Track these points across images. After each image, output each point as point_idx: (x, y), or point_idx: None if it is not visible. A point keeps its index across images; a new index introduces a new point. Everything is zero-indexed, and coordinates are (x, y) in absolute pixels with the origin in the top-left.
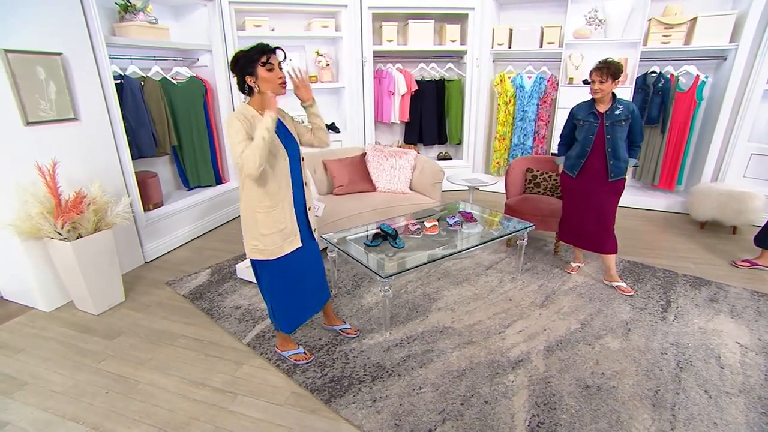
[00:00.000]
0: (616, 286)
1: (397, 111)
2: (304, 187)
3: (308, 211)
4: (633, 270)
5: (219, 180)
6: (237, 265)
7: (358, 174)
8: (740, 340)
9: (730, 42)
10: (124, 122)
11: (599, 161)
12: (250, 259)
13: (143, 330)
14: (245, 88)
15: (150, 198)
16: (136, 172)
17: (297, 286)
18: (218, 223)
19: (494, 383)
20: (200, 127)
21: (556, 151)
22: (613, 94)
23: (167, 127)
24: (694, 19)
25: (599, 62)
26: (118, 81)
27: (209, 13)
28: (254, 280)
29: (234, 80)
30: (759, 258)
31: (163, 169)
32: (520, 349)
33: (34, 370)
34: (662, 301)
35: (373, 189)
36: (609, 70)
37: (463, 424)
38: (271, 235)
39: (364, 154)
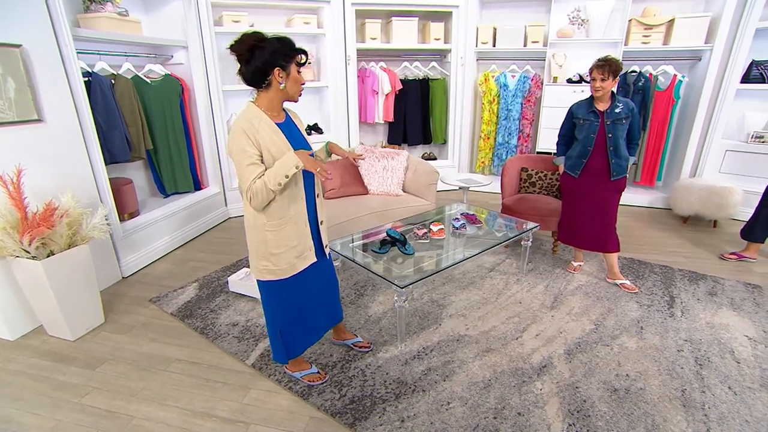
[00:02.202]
0: (620, 284)
1: (381, 111)
2: (316, 198)
3: (320, 225)
4: (631, 267)
5: (198, 186)
6: (229, 278)
7: (349, 176)
8: (747, 333)
9: (705, 43)
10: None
11: (601, 160)
12: (257, 280)
13: (130, 355)
14: (263, 81)
15: (125, 207)
16: (109, 179)
17: (307, 307)
18: (200, 231)
19: (523, 392)
20: (177, 129)
21: (555, 151)
22: (612, 92)
23: (142, 130)
24: (672, 21)
25: (600, 60)
26: (86, 79)
27: (184, 6)
28: (249, 294)
29: (211, 75)
30: (745, 250)
31: (136, 174)
32: (540, 354)
33: (4, 413)
34: (666, 297)
35: (366, 192)
36: (610, 67)
37: None
38: (283, 254)
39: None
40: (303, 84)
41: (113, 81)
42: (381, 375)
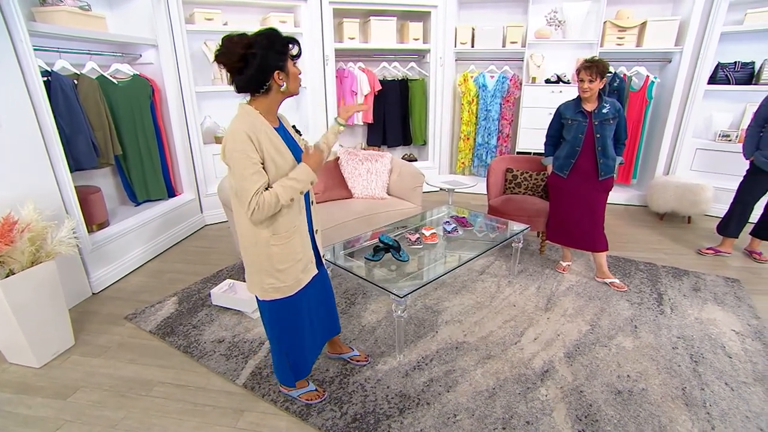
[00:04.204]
0: (610, 282)
1: (360, 112)
2: (311, 206)
3: (316, 234)
4: (617, 265)
5: (172, 193)
6: (211, 291)
7: (333, 180)
8: (734, 327)
9: (675, 45)
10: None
11: (589, 160)
12: (259, 300)
13: (107, 380)
14: (262, 87)
15: (93, 217)
16: (75, 188)
17: (310, 322)
18: (175, 240)
19: (528, 400)
20: (147, 132)
21: (543, 151)
22: (599, 93)
23: (109, 134)
24: (644, 23)
25: (587, 61)
26: (45, 79)
27: (153, 2)
28: (234, 307)
29: (183, 75)
30: (721, 245)
31: (104, 182)
32: (541, 358)
33: None
34: (654, 294)
35: (350, 195)
36: (598, 68)
37: None
38: (289, 269)
39: (337, 159)
40: (300, 73)
41: (76, 81)
42: (382, 389)
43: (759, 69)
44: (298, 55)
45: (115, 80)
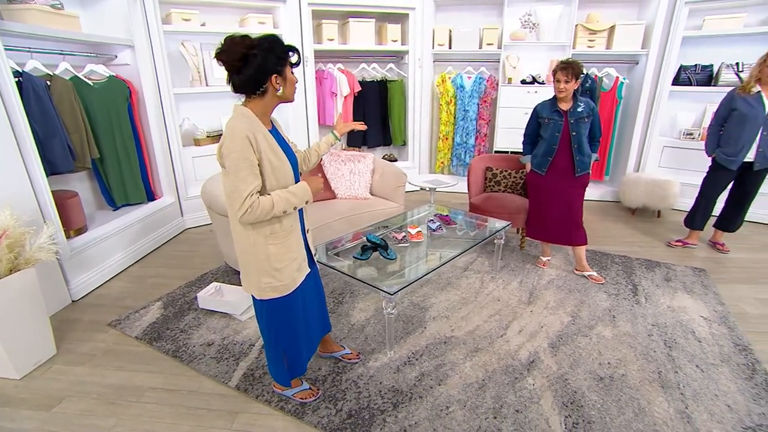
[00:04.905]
0: (588, 275)
1: (340, 113)
2: (304, 206)
3: (308, 234)
4: (594, 258)
5: (151, 196)
6: (198, 294)
7: None
8: (702, 313)
9: (641, 48)
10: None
11: (566, 158)
12: (256, 300)
13: (94, 389)
14: (258, 89)
15: (71, 223)
16: (51, 192)
17: (306, 320)
18: (156, 245)
19: (517, 389)
20: (125, 135)
21: (521, 150)
22: (574, 93)
23: (86, 137)
24: (613, 27)
25: (562, 62)
26: (17, 79)
27: (128, 2)
28: (222, 310)
29: (161, 76)
30: (688, 238)
31: (80, 186)
32: (527, 349)
33: None
34: (630, 286)
35: (333, 196)
36: (573, 69)
37: None
38: (286, 267)
39: (320, 160)
40: (296, 82)
41: (49, 82)
42: (375, 385)
43: (717, 72)
44: (297, 63)
45: (90, 81)
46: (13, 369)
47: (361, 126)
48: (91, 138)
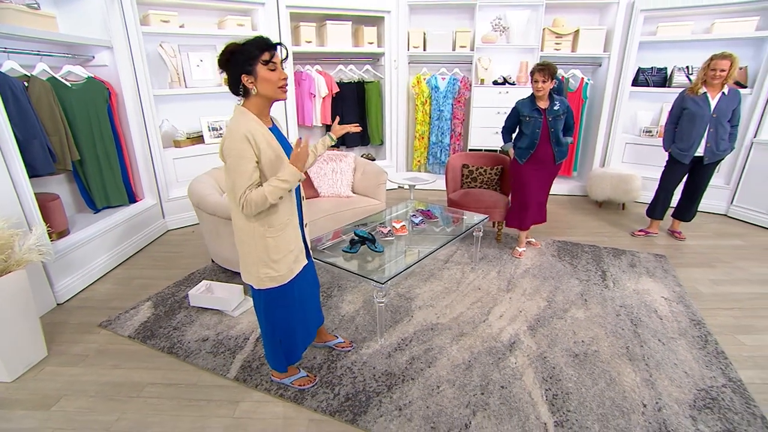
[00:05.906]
0: (528, 242)
1: (319, 114)
2: (302, 200)
3: (305, 227)
4: (566, 248)
5: (132, 198)
6: (189, 292)
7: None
8: (663, 294)
9: (603, 51)
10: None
11: (546, 149)
12: (254, 290)
13: (91, 387)
14: (239, 89)
15: (54, 225)
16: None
17: (301, 311)
18: (139, 246)
19: (501, 368)
20: (105, 137)
21: (493, 148)
22: (550, 92)
23: (66, 139)
24: (578, 31)
25: (539, 64)
26: None
27: (106, 2)
28: (214, 307)
29: (140, 78)
30: (650, 227)
31: (59, 189)
32: (508, 332)
33: None
34: (599, 272)
35: (317, 194)
36: (549, 70)
37: (492, 411)
38: (283, 259)
39: (316, 160)
40: (283, 80)
41: (26, 83)
42: (368, 370)
43: (670, 74)
44: (268, 62)
45: (68, 83)
46: (5, 371)
47: (356, 128)
48: (71, 140)
